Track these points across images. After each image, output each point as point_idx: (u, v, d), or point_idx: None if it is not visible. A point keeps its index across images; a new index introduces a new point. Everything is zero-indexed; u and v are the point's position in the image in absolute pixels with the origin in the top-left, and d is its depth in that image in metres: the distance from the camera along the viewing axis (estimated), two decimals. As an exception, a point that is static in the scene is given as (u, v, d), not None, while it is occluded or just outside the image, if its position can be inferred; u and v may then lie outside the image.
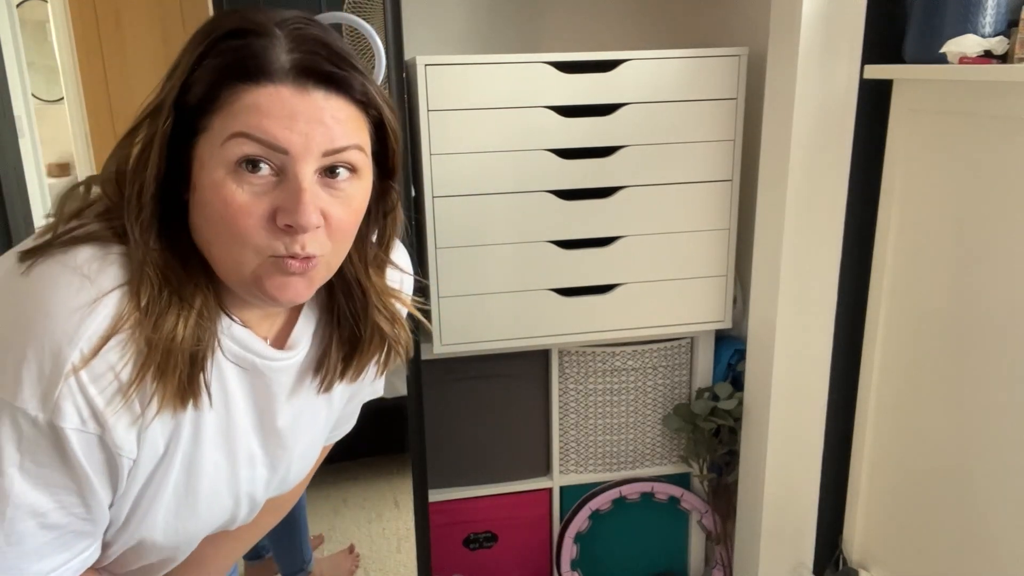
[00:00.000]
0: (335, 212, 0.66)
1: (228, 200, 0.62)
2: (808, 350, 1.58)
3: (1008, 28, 1.26)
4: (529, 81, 1.50)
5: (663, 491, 1.88)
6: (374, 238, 0.78)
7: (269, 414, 0.78)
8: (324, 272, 0.69)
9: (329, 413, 0.88)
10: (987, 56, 1.23)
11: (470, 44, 1.88)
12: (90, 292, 0.62)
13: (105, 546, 0.74)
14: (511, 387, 1.78)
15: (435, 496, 1.78)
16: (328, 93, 0.64)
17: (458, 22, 1.86)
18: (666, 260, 1.65)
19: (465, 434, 1.79)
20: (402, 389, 1.58)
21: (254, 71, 0.62)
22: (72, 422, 0.61)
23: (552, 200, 1.57)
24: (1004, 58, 1.23)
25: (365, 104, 0.67)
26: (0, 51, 1.30)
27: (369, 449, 1.22)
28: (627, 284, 1.65)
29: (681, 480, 1.91)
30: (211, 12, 1.51)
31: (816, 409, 1.62)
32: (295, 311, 0.78)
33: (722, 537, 1.89)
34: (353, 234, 0.70)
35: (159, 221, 0.66)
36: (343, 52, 0.65)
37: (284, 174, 0.63)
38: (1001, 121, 1.20)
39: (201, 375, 0.68)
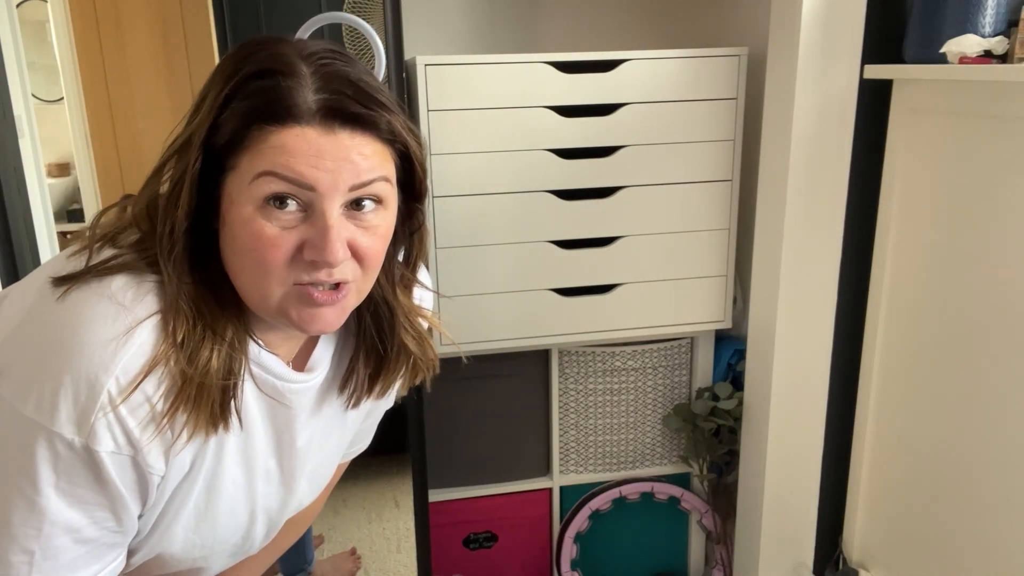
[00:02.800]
0: (362, 242, 0.67)
1: (257, 235, 0.64)
2: (808, 350, 1.58)
3: (1008, 28, 1.26)
4: (529, 81, 1.50)
5: (663, 491, 1.88)
6: (400, 257, 0.79)
7: (288, 434, 0.79)
8: (355, 299, 0.71)
9: (343, 432, 0.89)
10: (987, 56, 1.23)
11: (470, 44, 1.88)
12: (125, 321, 0.64)
13: (128, 554, 0.75)
14: (511, 387, 1.78)
15: (435, 496, 1.78)
16: (354, 132, 0.65)
17: (458, 22, 1.86)
18: (666, 260, 1.65)
19: (465, 434, 1.79)
20: (402, 389, 1.58)
21: (281, 113, 0.63)
22: (107, 446, 0.63)
23: (552, 200, 1.57)
24: (1004, 58, 1.23)
25: (391, 140, 0.68)
26: (0, 51, 1.29)
27: (369, 449, 1.22)
28: (627, 284, 1.65)
29: (681, 480, 1.91)
30: (211, 13, 1.51)
31: (816, 409, 1.62)
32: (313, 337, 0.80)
33: (722, 537, 1.89)
34: (381, 260, 0.72)
35: (190, 254, 0.68)
36: (369, 89, 0.66)
37: (311, 209, 0.65)
38: (1001, 121, 1.20)
39: (232, 403, 0.70)
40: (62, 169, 3.22)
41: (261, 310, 0.69)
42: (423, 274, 0.89)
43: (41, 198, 2.70)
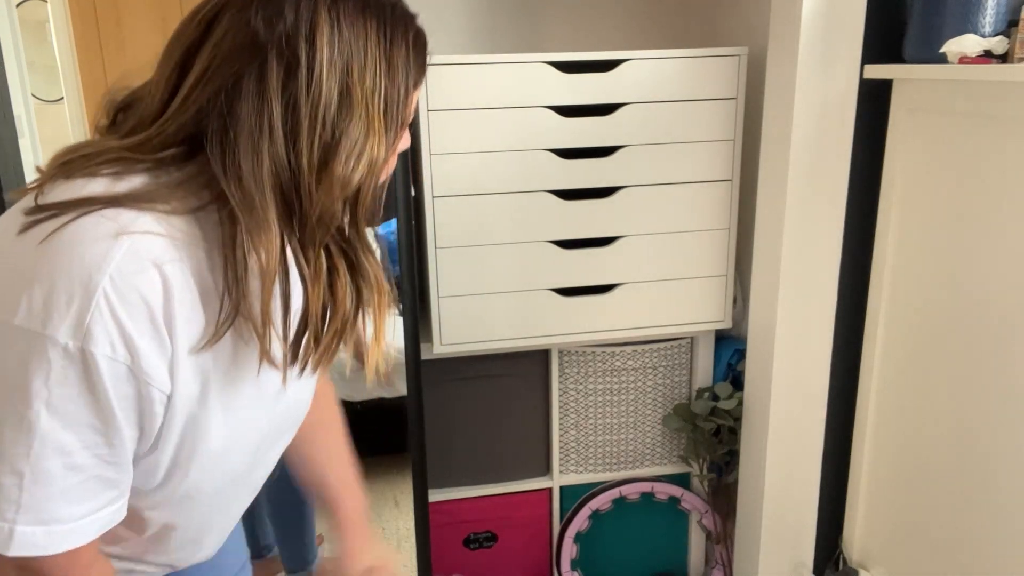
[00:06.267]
0: None
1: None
2: (808, 350, 1.58)
3: (1008, 28, 1.26)
4: (529, 81, 1.50)
5: (663, 491, 1.88)
6: None
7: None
8: None
9: None
10: (987, 56, 1.23)
11: (470, 44, 1.88)
12: (114, 225, 0.62)
13: (172, 479, 0.74)
14: (511, 387, 1.78)
15: (435, 496, 1.78)
16: None
17: (458, 22, 1.86)
18: (666, 260, 1.65)
19: (465, 434, 1.79)
20: (402, 389, 1.58)
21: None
22: (103, 348, 0.61)
23: (552, 200, 1.57)
24: (1004, 58, 1.23)
25: None
26: (0, 51, 1.30)
27: (369, 449, 1.22)
28: (627, 284, 1.65)
29: (681, 480, 1.91)
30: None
31: (816, 409, 1.62)
32: None
33: (722, 537, 1.89)
34: None
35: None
36: None
37: None
38: (1001, 121, 1.20)
39: (228, 320, 0.68)
40: (62, 169, 3.22)
41: None
42: None
43: (41, 198, 2.70)
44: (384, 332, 0.79)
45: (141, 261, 0.62)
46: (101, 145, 0.68)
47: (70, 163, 0.67)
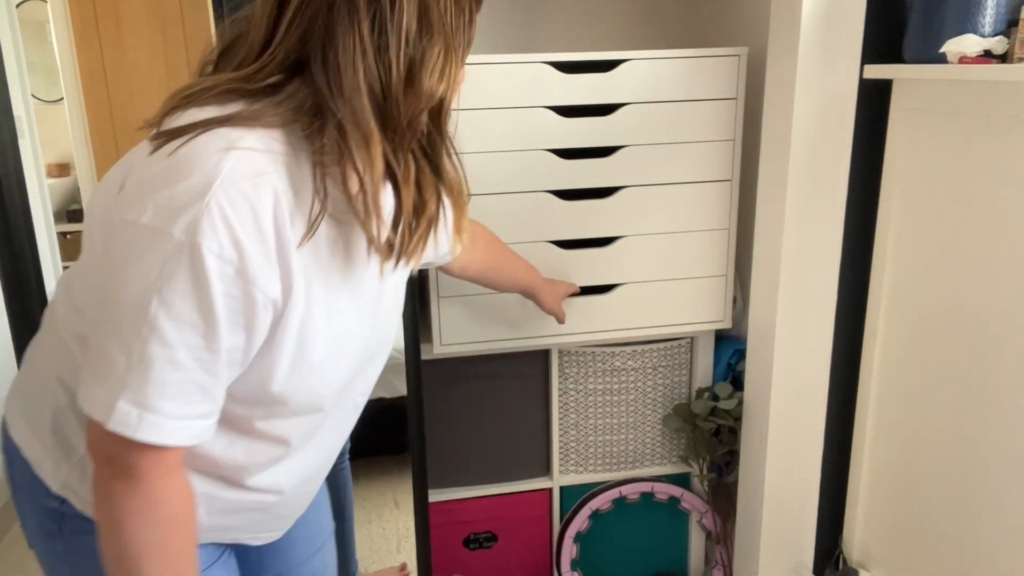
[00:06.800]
0: None
1: None
2: (808, 350, 1.58)
3: (1008, 28, 1.26)
4: (529, 81, 1.50)
5: (663, 491, 1.88)
6: None
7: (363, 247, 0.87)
8: None
9: None
10: (987, 56, 1.23)
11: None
12: (224, 141, 0.72)
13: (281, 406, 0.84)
14: (511, 387, 1.78)
15: (435, 496, 1.78)
16: None
17: (458, 22, 1.86)
18: (666, 260, 1.65)
19: (465, 434, 1.79)
20: (402, 389, 1.58)
21: None
22: (211, 244, 0.70)
23: (552, 200, 1.57)
24: (1004, 58, 1.23)
25: None
26: (0, 51, 1.30)
27: (369, 449, 1.22)
28: (627, 284, 1.65)
29: (681, 480, 1.91)
30: (211, 12, 1.51)
31: (816, 409, 1.62)
32: None
33: (722, 537, 1.89)
34: None
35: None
36: None
37: None
38: (1001, 121, 1.20)
39: (322, 212, 0.76)
40: (62, 169, 3.22)
41: None
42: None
43: (41, 198, 2.71)
44: (464, 224, 0.94)
45: (247, 172, 0.71)
46: (216, 79, 0.78)
47: (189, 96, 0.78)
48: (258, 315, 0.75)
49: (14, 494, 0.93)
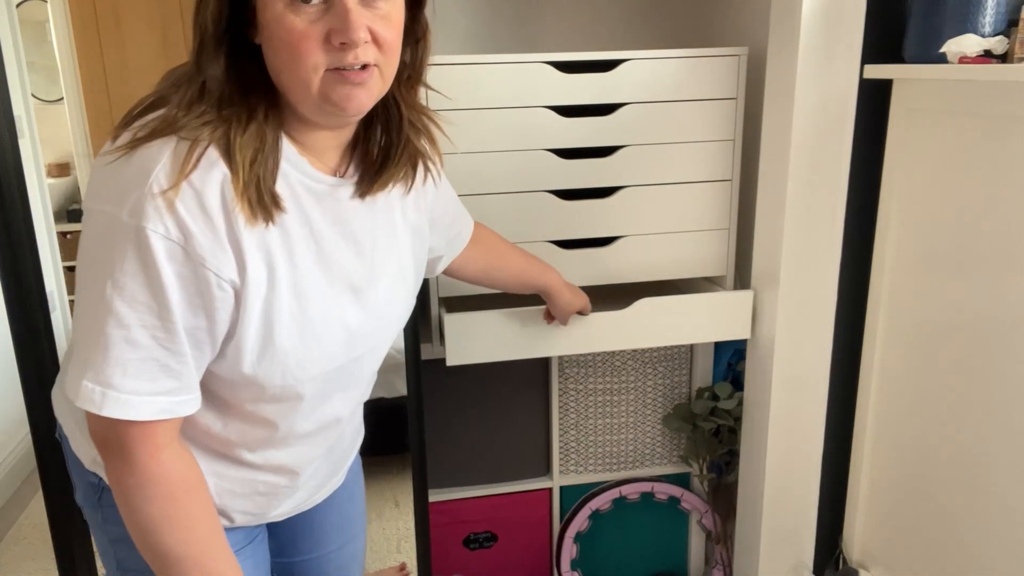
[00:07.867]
0: (379, 28, 0.78)
1: (289, 28, 0.75)
2: (808, 350, 1.58)
3: (1008, 28, 1.26)
4: (529, 81, 1.50)
5: (663, 491, 1.88)
6: (407, 59, 0.91)
7: (349, 229, 0.89)
8: (379, 83, 0.82)
9: (414, 240, 1.01)
10: (987, 56, 1.23)
11: (470, 44, 1.88)
12: (171, 130, 0.76)
13: (263, 390, 0.86)
14: (511, 387, 1.78)
15: (435, 496, 1.78)
16: None
17: (458, 22, 1.86)
18: (666, 259, 1.65)
19: (465, 434, 1.79)
20: (402, 389, 1.58)
21: None
22: (155, 226, 0.73)
23: (552, 200, 1.57)
24: (1004, 58, 1.23)
25: None
26: (0, 51, 1.30)
27: (369, 449, 1.22)
28: (627, 284, 1.65)
29: (681, 480, 1.91)
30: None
31: (816, 409, 1.62)
32: (350, 146, 0.91)
33: (722, 537, 1.89)
34: (398, 48, 0.83)
35: (235, 71, 0.79)
36: None
37: (331, 2, 0.76)
38: (1001, 121, 1.20)
39: (266, 193, 0.79)
40: (62, 169, 3.23)
41: (306, 103, 0.79)
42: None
43: (41, 198, 2.71)
44: (438, 146, 1.00)
45: (189, 157, 0.74)
46: (175, 73, 0.83)
47: (155, 95, 0.82)
48: (214, 295, 0.77)
49: (67, 465, 0.99)
